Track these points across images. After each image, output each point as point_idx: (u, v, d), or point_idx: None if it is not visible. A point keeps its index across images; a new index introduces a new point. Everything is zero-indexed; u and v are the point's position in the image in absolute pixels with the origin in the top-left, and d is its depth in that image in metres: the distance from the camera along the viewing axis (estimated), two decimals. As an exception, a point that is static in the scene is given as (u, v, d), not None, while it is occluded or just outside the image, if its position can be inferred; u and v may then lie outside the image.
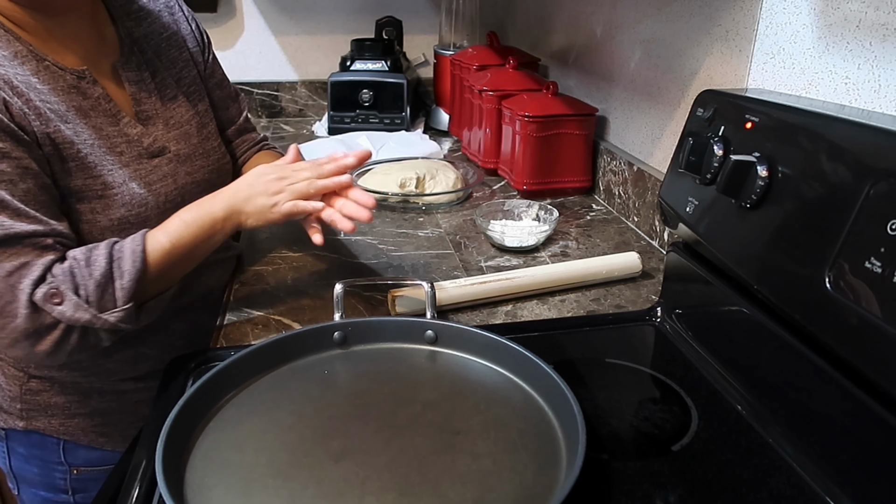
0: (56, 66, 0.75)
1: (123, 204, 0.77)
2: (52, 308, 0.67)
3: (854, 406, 0.55)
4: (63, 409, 0.87)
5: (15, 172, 0.67)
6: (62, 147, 0.72)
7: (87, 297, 0.68)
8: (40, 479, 0.91)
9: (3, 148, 0.66)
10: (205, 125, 0.92)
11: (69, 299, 0.67)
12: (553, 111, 1.26)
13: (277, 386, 0.69)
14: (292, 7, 1.95)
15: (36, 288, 0.67)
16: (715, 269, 0.75)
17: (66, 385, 0.86)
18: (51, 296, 0.67)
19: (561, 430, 0.61)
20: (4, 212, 0.66)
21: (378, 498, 0.54)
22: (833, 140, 0.58)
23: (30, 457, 0.90)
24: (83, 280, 0.68)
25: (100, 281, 0.69)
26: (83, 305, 0.68)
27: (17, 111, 0.68)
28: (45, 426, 0.87)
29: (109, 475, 0.69)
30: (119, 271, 0.70)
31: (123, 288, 0.70)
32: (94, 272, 0.69)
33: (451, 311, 0.88)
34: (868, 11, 0.68)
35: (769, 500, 0.57)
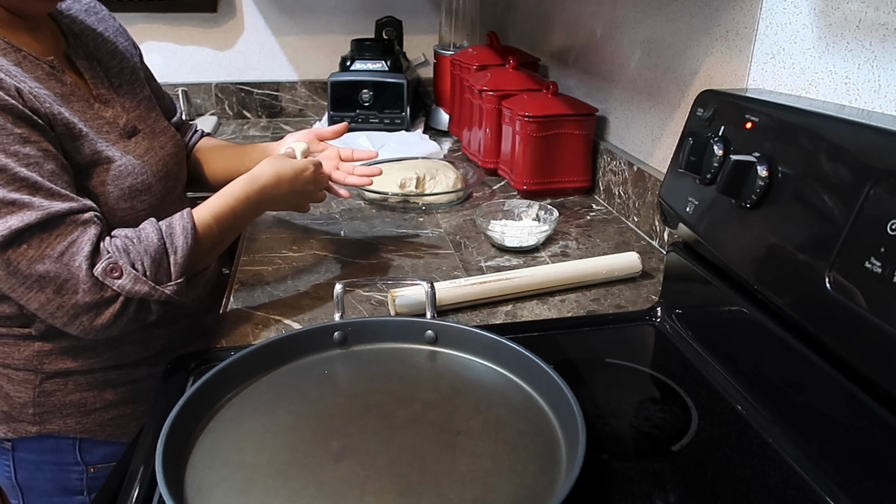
0: (32, 56, 0.77)
1: (129, 174, 0.81)
2: (113, 282, 0.70)
3: (854, 406, 0.55)
4: (79, 406, 0.87)
5: (38, 155, 0.69)
6: (69, 126, 0.75)
7: (144, 270, 0.72)
8: (53, 485, 0.91)
9: (22, 133, 0.68)
10: (152, 108, 0.95)
11: (128, 273, 0.71)
12: (553, 111, 1.26)
13: (277, 386, 0.69)
14: (292, 7, 1.95)
15: (93, 263, 0.70)
16: (715, 269, 0.75)
17: (81, 382, 0.86)
18: (110, 270, 0.70)
19: (561, 430, 0.61)
20: (38, 193, 0.68)
21: (378, 498, 0.54)
22: (833, 140, 0.58)
23: (41, 463, 0.89)
24: (138, 255, 0.72)
25: (154, 256, 0.73)
26: (141, 279, 0.72)
27: (28, 96, 0.71)
28: (61, 427, 0.87)
29: (109, 475, 0.69)
30: (172, 247, 0.75)
31: (177, 262, 0.75)
32: (147, 248, 0.73)
33: (451, 311, 0.88)
34: (868, 11, 0.68)
35: (769, 500, 0.57)
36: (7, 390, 0.86)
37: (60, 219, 0.69)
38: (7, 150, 0.67)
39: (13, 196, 0.67)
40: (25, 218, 0.67)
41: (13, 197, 0.67)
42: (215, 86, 1.96)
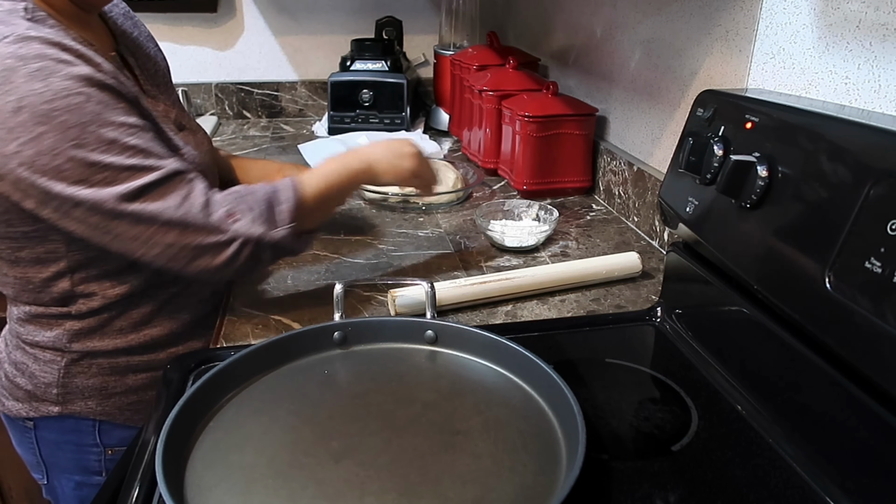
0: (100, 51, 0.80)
1: (191, 161, 0.85)
2: (230, 225, 0.77)
3: (854, 406, 0.55)
4: (100, 389, 0.89)
5: (141, 124, 0.76)
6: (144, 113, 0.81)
7: (258, 215, 0.79)
8: (74, 464, 0.93)
9: (124, 107, 0.75)
10: (184, 109, 1.00)
11: (244, 216, 0.78)
12: (553, 111, 1.26)
13: (277, 386, 0.69)
14: (292, 7, 1.95)
15: (211, 210, 0.77)
16: (715, 269, 0.75)
17: (104, 366, 0.88)
18: (228, 215, 0.77)
19: (561, 430, 0.61)
20: (150, 157, 0.75)
21: (378, 498, 0.54)
22: (833, 140, 0.58)
23: (62, 442, 0.92)
24: (250, 203, 0.79)
25: (264, 205, 0.80)
26: (257, 220, 0.79)
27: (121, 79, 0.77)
28: (82, 409, 0.89)
29: (109, 475, 0.69)
30: (278, 198, 0.81)
31: (288, 209, 0.81)
32: (257, 197, 0.80)
33: (451, 311, 0.88)
34: (868, 11, 0.68)
35: (769, 500, 0.57)
36: (33, 370, 0.88)
37: (175, 175, 0.76)
38: (114, 123, 0.72)
39: (129, 161, 0.73)
40: (144, 178, 0.73)
41: (129, 162, 0.73)
42: (215, 86, 1.96)
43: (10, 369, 0.90)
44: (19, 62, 0.68)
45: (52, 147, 0.69)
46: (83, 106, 0.70)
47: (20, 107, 0.68)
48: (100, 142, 0.71)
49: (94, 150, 0.71)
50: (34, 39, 0.70)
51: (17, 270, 0.83)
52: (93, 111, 0.71)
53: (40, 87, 0.68)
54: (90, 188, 0.71)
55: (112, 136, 0.72)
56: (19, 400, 0.90)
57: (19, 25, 0.71)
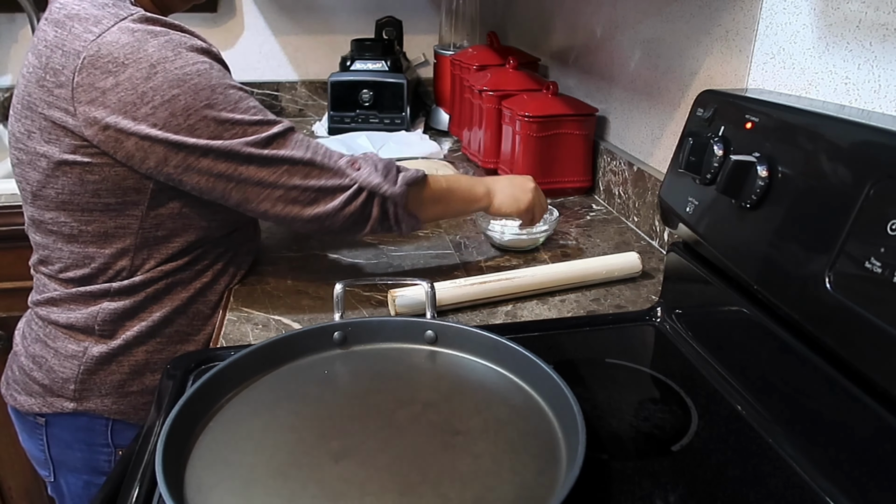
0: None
1: None
2: (353, 171, 0.84)
3: (854, 406, 0.55)
4: (118, 387, 0.90)
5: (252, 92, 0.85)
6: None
7: (379, 170, 0.85)
8: (84, 463, 0.94)
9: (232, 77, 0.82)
10: None
11: (366, 166, 0.85)
12: (553, 111, 1.26)
13: (277, 386, 0.69)
14: (292, 7, 1.95)
15: (337, 156, 0.84)
16: (715, 269, 0.75)
17: (123, 364, 0.89)
18: (352, 162, 0.85)
19: (561, 430, 0.61)
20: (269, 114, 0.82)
21: (378, 498, 0.54)
22: (833, 140, 0.58)
23: (73, 441, 0.92)
24: (371, 161, 0.86)
25: (388, 164, 0.87)
26: (376, 171, 0.85)
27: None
28: (97, 406, 0.90)
29: (109, 475, 0.69)
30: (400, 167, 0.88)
31: (405, 176, 0.87)
32: (380, 159, 0.87)
33: (451, 311, 0.88)
34: (868, 11, 0.68)
35: (769, 500, 0.57)
36: (52, 364, 0.88)
37: (294, 130, 0.84)
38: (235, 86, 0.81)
39: (255, 118, 0.80)
40: (270, 130, 0.80)
41: (255, 118, 0.80)
42: (215, 86, 1.96)
43: (27, 363, 0.90)
44: (149, 35, 0.76)
45: (186, 107, 0.76)
46: (209, 72, 0.78)
47: (154, 72, 0.75)
48: (227, 102, 0.78)
49: (224, 109, 0.78)
50: (156, 21, 0.78)
51: (76, 245, 0.84)
52: (217, 76, 0.79)
53: (171, 55, 0.76)
54: (223, 141, 0.78)
55: (236, 97, 0.79)
56: (33, 395, 0.90)
57: (136, 10, 0.79)
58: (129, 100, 0.74)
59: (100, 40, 0.75)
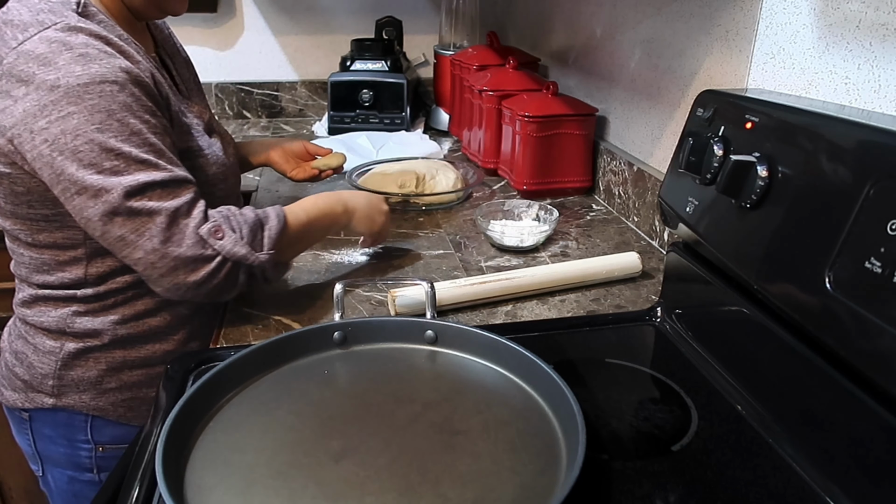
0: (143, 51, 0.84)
1: (214, 163, 0.91)
2: (215, 242, 0.78)
3: (854, 406, 0.55)
4: (95, 383, 0.90)
5: (161, 127, 0.79)
6: (174, 111, 0.85)
7: (243, 236, 0.80)
8: (66, 459, 0.94)
9: (151, 106, 0.78)
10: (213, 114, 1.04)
11: (229, 236, 0.79)
12: (553, 111, 1.26)
13: (277, 386, 0.69)
14: (292, 7, 1.95)
15: (200, 224, 0.78)
16: (715, 269, 0.75)
17: (100, 360, 0.89)
18: (214, 231, 0.78)
19: (561, 430, 0.61)
20: (163, 157, 0.77)
21: (378, 498, 0.54)
22: (833, 140, 0.58)
23: (55, 436, 0.93)
24: (237, 224, 0.81)
25: (252, 227, 0.81)
26: (240, 242, 0.80)
27: (156, 76, 0.81)
28: (76, 402, 0.90)
29: (110, 475, 0.69)
30: (267, 223, 0.83)
31: (271, 236, 0.82)
32: (247, 220, 0.82)
33: (451, 311, 0.88)
34: (868, 11, 0.68)
35: (769, 500, 0.57)
36: (31, 360, 0.89)
37: (179, 182, 0.78)
38: (141, 118, 0.76)
39: (143, 156, 0.75)
40: (152, 175, 0.75)
41: (143, 157, 0.75)
42: (215, 86, 1.96)
43: (10, 359, 0.92)
44: (64, 47, 0.73)
45: (77, 127, 0.72)
46: (115, 95, 0.74)
47: (56, 86, 0.72)
48: (122, 130, 0.74)
49: (114, 136, 0.73)
50: (82, 30, 0.75)
51: (34, 252, 0.85)
52: (123, 102, 0.74)
53: (79, 70, 0.72)
54: (99, 174, 0.73)
55: (136, 127, 0.75)
56: (16, 390, 0.91)
57: (70, 17, 0.76)
58: (31, 111, 0.72)
59: (19, 48, 0.73)
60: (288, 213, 0.86)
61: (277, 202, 1.27)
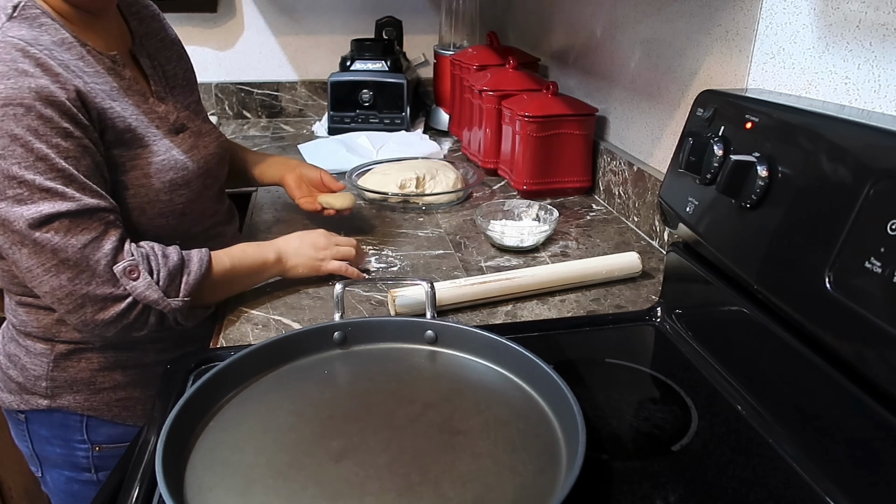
0: (96, 50, 0.81)
1: (171, 168, 0.85)
2: (128, 282, 0.75)
3: (854, 406, 0.55)
4: (89, 384, 0.89)
5: (77, 150, 0.73)
6: (116, 121, 0.79)
7: (159, 280, 0.77)
8: (63, 459, 0.94)
9: (66, 128, 0.72)
10: (200, 112, 1.01)
11: (144, 277, 0.76)
12: (553, 111, 1.26)
13: (277, 386, 0.69)
14: (292, 7, 1.95)
15: (114, 261, 0.75)
16: (715, 269, 0.75)
17: (93, 360, 0.88)
18: (129, 271, 0.75)
19: (561, 430, 0.61)
20: (72, 185, 0.72)
21: (378, 498, 0.54)
22: (833, 140, 0.58)
23: (52, 437, 0.92)
24: (157, 266, 0.78)
25: (171, 271, 0.78)
26: (154, 286, 0.77)
27: (83, 92, 0.75)
28: (70, 403, 0.89)
29: (109, 475, 0.69)
30: (187, 269, 0.80)
31: (188, 283, 0.80)
32: (168, 262, 0.78)
33: (451, 311, 0.88)
34: (868, 11, 0.68)
35: (769, 500, 0.57)
36: (24, 362, 0.89)
37: (89, 213, 0.73)
38: (49, 142, 0.71)
39: (49, 184, 0.71)
40: (57, 206, 0.71)
41: (49, 185, 0.71)
42: (215, 86, 1.96)
43: (4, 361, 0.91)
44: None
45: None
46: (20, 118, 0.69)
47: None
48: (26, 156, 0.70)
49: (17, 163, 0.69)
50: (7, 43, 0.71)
51: (4, 263, 0.83)
52: (28, 125, 0.70)
53: None
54: (2, 203, 0.70)
55: (42, 153, 0.70)
56: (12, 392, 0.91)
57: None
58: None
59: None
60: (214, 258, 0.84)
61: (276, 203, 1.28)
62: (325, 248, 0.94)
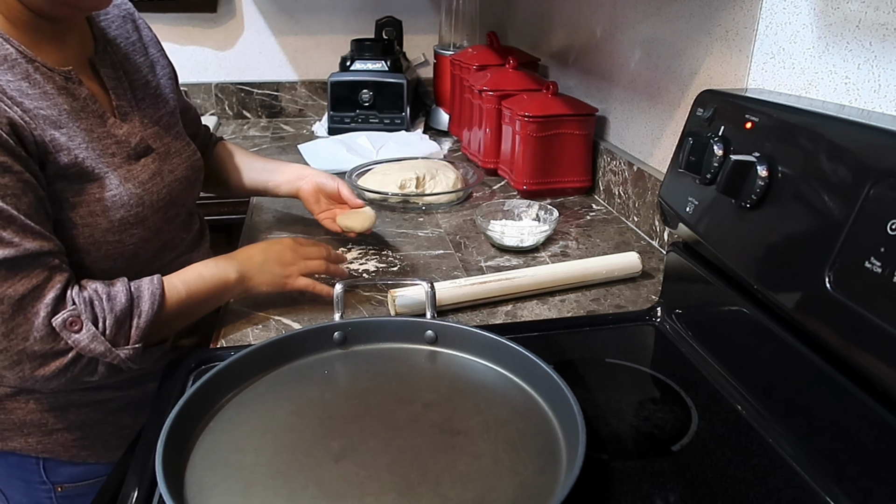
0: (45, 66, 0.73)
1: (122, 205, 0.77)
2: (69, 335, 0.68)
3: (854, 406, 0.55)
4: (39, 426, 0.83)
5: (17, 186, 0.67)
6: (60, 154, 0.72)
7: (105, 329, 0.70)
8: (28, 499, 0.88)
9: (4, 162, 0.66)
10: (173, 125, 0.91)
11: (87, 329, 0.69)
12: (553, 111, 1.26)
13: (277, 386, 0.69)
14: (292, 7, 1.95)
15: (54, 313, 0.68)
16: (715, 269, 0.75)
17: (42, 402, 0.82)
18: (70, 323, 0.68)
19: (561, 430, 0.61)
20: (10, 227, 0.66)
21: (378, 498, 0.54)
22: (833, 140, 0.58)
23: (11, 478, 0.87)
24: (102, 313, 0.70)
25: (118, 317, 0.71)
26: (100, 337, 0.69)
27: (18, 123, 0.68)
28: (22, 446, 0.83)
29: (109, 475, 0.69)
30: (137, 310, 0.73)
31: (139, 327, 0.73)
32: (114, 307, 0.71)
33: (451, 311, 0.88)
34: (868, 11, 0.68)
35: (769, 500, 0.57)
36: None
37: (29, 259, 0.67)
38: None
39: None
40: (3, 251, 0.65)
41: None
42: (215, 86, 1.96)
43: None
44: None
45: None
46: None
47: None
48: None
49: None
50: None
51: None
52: None
53: None
54: None
55: None
56: None
57: None
58: None
59: None
60: (167, 291, 0.76)
61: (276, 203, 1.27)
62: (291, 263, 0.86)
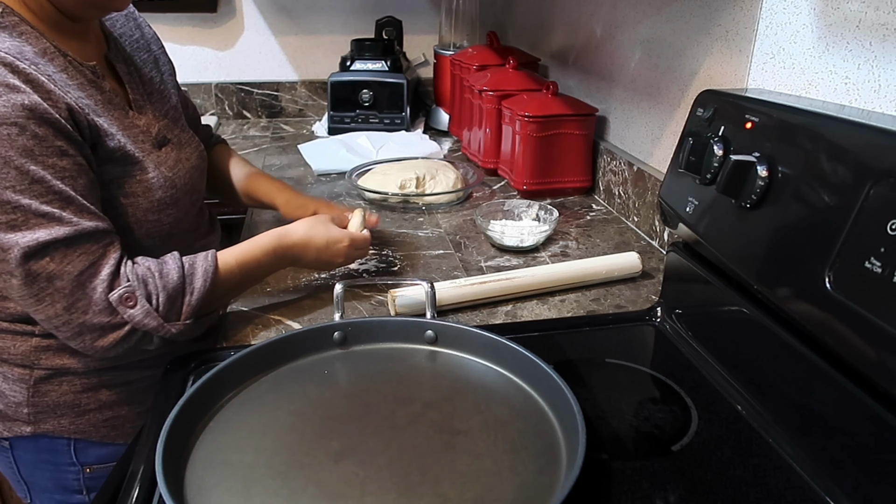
0: (77, 61, 0.77)
1: (159, 186, 0.82)
2: (125, 310, 0.72)
3: (854, 406, 0.55)
4: (72, 407, 0.86)
5: (74, 169, 0.71)
6: (107, 138, 0.76)
7: (158, 306, 0.74)
8: (53, 483, 0.91)
9: (61, 146, 0.69)
10: (178, 119, 0.95)
11: (141, 305, 0.73)
12: (553, 111, 1.26)
13: (277, 386, 0.69)
14: (292, 7, 1.95)
15: (110, 288, 0.71)
16: (715, 269, 0.75)
17: (75, 383, 0.85)
18: (126, 298, 0.72)
19: (561, 430, 0.61)
20: (70, 207, 0.70)
21: (378, 498, 0.54)
22: (833, 140, 0.58)
23: (39, 462, 0.89)
24: (155, 290, 0.74)
25: (171, 294, 0.75)
26: (153, 313, 0.73)
27: (74, 108, 0.72)
28: (55, 427, 0.86)
29: (109, 475, 0.69)
30: (190, 287, 0.76)
31: (191, 304, 0.76)
32: (167, 284, 0.75)
33: (451, 311, 0.88)
34: (868, 11, 0.68)
35: (769, 500, 0.57)
36: (2, 388, 0.85)
37: (87, 237, 0.71)
38: (45, 163, 0.68)
39: (45, 209, 0.68)
40: (54, 232, 0.68)
41: (45, 209, 0.68)
42: (215, 86, 1.96)
43: None
44: None
45: None
46: (14, 139, 0.66)
47: None
48: (21, 179, 0.67)
49: (11, 187, 0.66)
50: None
51: None
52: (23, 146, 0.66)
53: None
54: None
55: (38, 175, 0.67)
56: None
57: None
58: None
59: None
60: (221, 266, 0.80)
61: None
62: (344, 255, 0.90)
